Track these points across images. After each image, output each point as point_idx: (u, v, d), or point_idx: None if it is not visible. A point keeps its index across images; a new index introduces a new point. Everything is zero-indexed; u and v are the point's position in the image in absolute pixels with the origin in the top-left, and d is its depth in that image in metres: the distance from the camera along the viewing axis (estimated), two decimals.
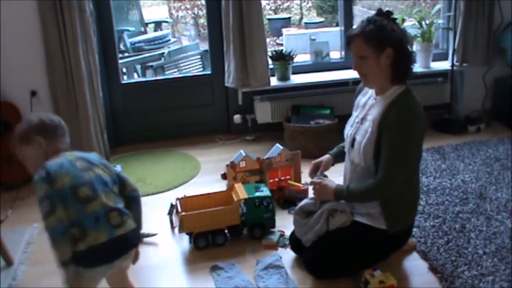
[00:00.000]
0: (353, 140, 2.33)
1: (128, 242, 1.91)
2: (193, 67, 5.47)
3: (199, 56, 5.56)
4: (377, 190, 2.23)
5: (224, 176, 3.23)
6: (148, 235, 2.81)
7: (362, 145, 2.25)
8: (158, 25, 6.89)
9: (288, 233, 2.67)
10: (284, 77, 4.08)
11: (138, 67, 5.53)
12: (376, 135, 2.21)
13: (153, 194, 3.37)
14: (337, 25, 5.36)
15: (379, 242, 2.33)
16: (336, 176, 2.57)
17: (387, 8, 2.28)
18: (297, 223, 2.45)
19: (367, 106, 2.34)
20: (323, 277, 2.36)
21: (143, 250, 2.70)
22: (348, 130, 2.40)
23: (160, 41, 6.08)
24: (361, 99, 2.42)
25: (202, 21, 8.21)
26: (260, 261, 2.50)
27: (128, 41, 5.80)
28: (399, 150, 2.18)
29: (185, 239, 2.77)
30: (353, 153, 2.33)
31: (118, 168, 3.07)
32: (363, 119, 2.32)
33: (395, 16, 2.26)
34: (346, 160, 2.45)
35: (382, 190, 2.23)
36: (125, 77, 5.06)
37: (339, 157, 2.57)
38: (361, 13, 7.09)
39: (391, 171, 2.19)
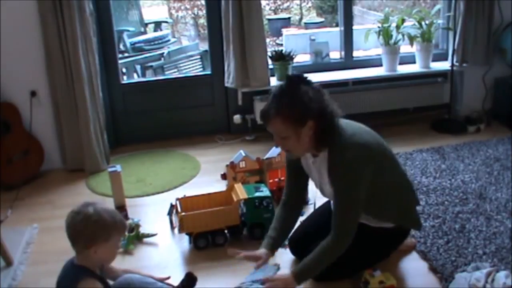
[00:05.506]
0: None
1: None
2: (193, 67, 5.47)
3: (199, 56, 5.56)
4: (335, 249, 2.16)
5: (224, 176, 3.23)
6: (148, 235, 2.81)
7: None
8: (158, 25, 6.88)
9: None
10: (284, 78, 4.07)
11: (138, 67, 5.52)
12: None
13: (153, 194, 3.37)
14: (337, 25, 5.36)
15: (378, 241, 2.34)
16: None
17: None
18: None
19: (315, 167, 2.28)
20: (323, 279, 2.35)
21: (143, 250, 2.72)
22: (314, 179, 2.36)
23: (160, 41, 6.07)
24: (306, 162, 2.33)
25: (202, 21, 8.21)
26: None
27: (128, 41, 5.80)
28: (343, 203, 2.14)
29: (185, 239, 2.77)
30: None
31: (118, 168, 3.06)
32: (320, 182, 2.30)
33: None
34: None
35: (341, 245, 2.16)
36: (125, 77, 5.06)
37: (280, 243, 2.40)
38: (361, 13, 7.10)
39: (343, 227, 2.15)
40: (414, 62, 4.25)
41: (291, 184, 2.42)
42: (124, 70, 5.14)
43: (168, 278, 2.31)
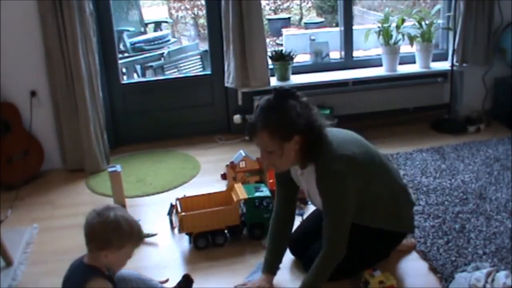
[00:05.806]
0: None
1: None
2: (193, 67, 5.47)
3: (199, 56, 5.56)
4: (331, 260, 2.15)
5: (224, 176, 3.23)
6: (148, 235, 2.81)
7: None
8: (158, 25, 6.88)
9: None
10: (284, 78, 4.08)
11: (138, 67, 5.52)
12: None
13: (153, 194, 3.37)
14: (337, 25, 5.36)
15: (378, 241, 2.33)
16: None
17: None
18: None
19: (303, 179, 2.27)
20: None
21: (143, 250, 2.72)
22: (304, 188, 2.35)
23: (160, 41, 6.07)
24: (295, 174, 2.31)
25: (202, 21, 8.21)
26: None
27: (128, 41, 5.80)
28: (333, 216, 2.12)
29: (185, 239, 2.77)
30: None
31: (118, 168, 3.06)
32: (309, 193, 2.30)
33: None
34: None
35: (335, 257, 2.15)
36: (125, 77, 5.06)
37: (278, 263, 2.36)
38: (361, 13, 7.09)
39: (334, 239, 2.14)
40: (414, 62, 4.25)
41: (282, 195, 2.39)
42: (124, 70, 5.14)
43: (167, 281, 2.31)
